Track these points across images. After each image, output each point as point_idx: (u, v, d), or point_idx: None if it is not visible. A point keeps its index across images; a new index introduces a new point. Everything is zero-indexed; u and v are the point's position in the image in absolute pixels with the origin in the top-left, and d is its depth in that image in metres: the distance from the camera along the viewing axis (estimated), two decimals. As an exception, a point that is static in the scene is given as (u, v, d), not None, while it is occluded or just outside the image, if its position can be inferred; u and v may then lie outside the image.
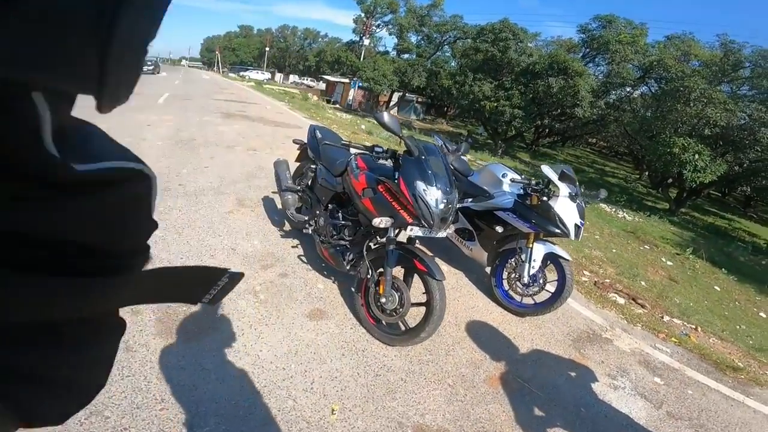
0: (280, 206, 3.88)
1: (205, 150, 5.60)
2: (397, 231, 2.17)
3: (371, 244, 2.35)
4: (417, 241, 2.25)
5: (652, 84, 19.09)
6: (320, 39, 62.28)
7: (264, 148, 6.34)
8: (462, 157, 3.44)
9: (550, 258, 2.77)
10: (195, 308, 2.16)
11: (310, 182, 3.08)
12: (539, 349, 2.62)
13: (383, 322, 2.27)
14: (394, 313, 2.16)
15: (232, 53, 68.84)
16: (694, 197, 17.17)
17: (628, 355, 2.79)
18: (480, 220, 3.06)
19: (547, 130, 24.03)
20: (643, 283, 4.85)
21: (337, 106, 28.74)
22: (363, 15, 30.50)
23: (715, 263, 7.87)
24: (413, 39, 28.83)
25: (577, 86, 17.11)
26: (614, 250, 5.96)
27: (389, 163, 2.15)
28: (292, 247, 3.15)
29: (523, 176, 2.98)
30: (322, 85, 39.40)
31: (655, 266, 6.39)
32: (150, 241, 0.50)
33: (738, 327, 4.36)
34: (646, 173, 24.32)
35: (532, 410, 2.08)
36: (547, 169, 2.73)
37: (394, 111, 29.49)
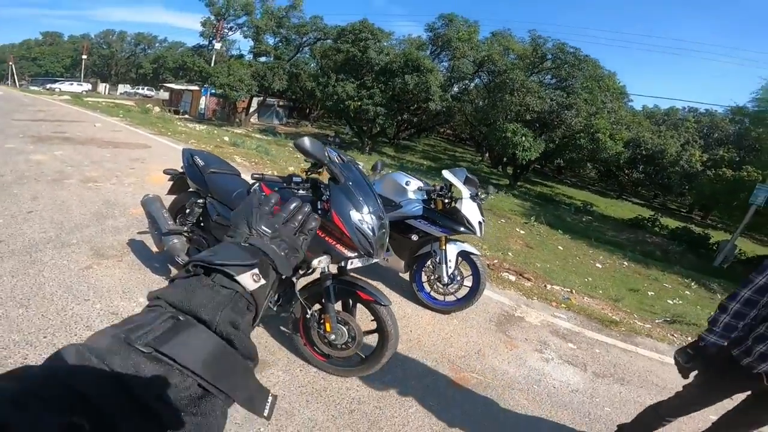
0: (156, 249, 3.18)
1: (21, 189, 4.22)
2: (329, 266, 1.96)
3: (297, 281, 2.10)
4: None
5: (484, 76, 22.24)
6: (157, 44, 54.92)
7: (107, 177, 5.12)
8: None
9: (462, 256, 2.97)
10: None
11: (197, 219, 2.61)
12: (475, 340, 2.78)
13: (333, 356, 2.09)
14: (347, 346, 2.00)
15: (31, 63, 54.28)
16: (524, 172, 21.09)
17: (540, 328, 3.17)
18: (391, 230, 3.05)
19: (405, 124, 25.86)
20: (510, 254, 5.63)
21: (188, 116, 25.56)
22: (213, 18, 27.46)
23: (552, 226, 9.73)
24: (270, 41, 27.25)
25: (428, 82, 18.66)
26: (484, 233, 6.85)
27: (305, 192, 1.91)
28: (191, 294, 2.61)
29: (423, 182, 3.10)
30: (164, 94, 34.51)
31: (513, 236, 7.55)
32: None
33: (587, 280, 5.45)
34: (487, 155, 28.75)
35: (498, 399, 2.21)
36: (448, 174, 2.91)
37: (254, 117, 27.71)
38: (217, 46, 27.70)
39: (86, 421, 0.25)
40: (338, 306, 2.07)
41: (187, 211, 2.66)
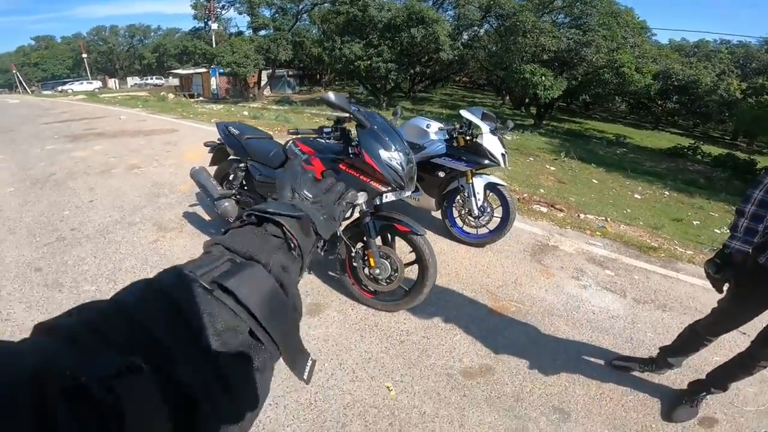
0: (208, 218, 3.48)
1: (75, 183, 4.61)
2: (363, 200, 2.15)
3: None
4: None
5: (493, 21, 21.16)
6: (152, 33, 54.41)
7: (148, 162, 5.44)
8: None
9: (489, 188, 3.09)
10: None
11: (241, 183, 2.84)
12: (511, 270, 2.92)
13: (379, 292, 2.31)
14: (391, 280, 2.21)
15: (35, 68, 54.71)
16: (549, 110, 20.43)
17: (575, 255, 3.25)
18: (419, 171, 3.19)
19: (419, 77, 25.18)
20: (542, 190, 5.65)
21: (202, 98, 25.79)
22: None
23: (584, 160, 9.50)
24: (267, 13, 26.54)
25: (436, 33, 18.12)
26: (510, 168, 6.80)
27: (332, 141, 2.10)
28: (248, 253, 2.89)
29: (443, 123, 3.20)
30: (174, 81, 34.67)
31: (543, 173, 7.48)
32: (89, 297, 0.98)
33: (626, 211, 5.40)
34: (507, 98, 27.77)
35: (539, 325, 2.35)
36: (465, 113, 2.97)
37: (267, 90, 27.61)
38: (214, 26, 27.26)
39: (146, 361, 0.24)
40: (378, 241, 2.26)
41: (231, 177, 2.90)
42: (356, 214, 2.17)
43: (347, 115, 1.99)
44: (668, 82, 21.02)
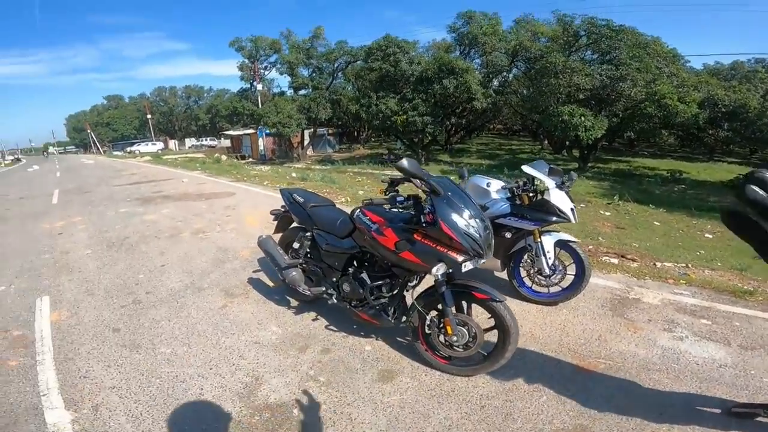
0: (272, 284, 3.57)
1: (147, 246, 4.96)
2: (443, 272, 2.09)
3: (413, 290, 2.36)
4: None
5: (521, 65, 21.60)
6: (206, 94, 58.81)
7: (211, 227, 5.79)
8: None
9: (560, 245, 2.96)
10: (270, 415, 1.93)
11: (307, 251, 2.89)
12: (591, 327, 2.71)
13: (454, 358, 2.22)
14: (468, 346, 2.13)
15: (107, 128, 60.30)
16: (593, 152, 19.90)
17: (662, 307, 2.99)
18: None
19: (454, 128, 25.73)
20: (601, 238, 5.34)
21: (251, 159, 27.58)
22: (247, 61, 29.79)
23: (640, 201, 9.03)
24: (305, 73, 28.82)
25: (467, 82, 18.61)
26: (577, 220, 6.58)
27: (399, 210, 2.11)
28: (313, 320, 2.90)
29: (504, 181, 3.16)
30: (226, 142, 37.71)
31: (599, 220, 7.14)
32: (165, 359, 2.12)
33: (699, 253, 4.98)
34: (545, 142, 27.51)
35: (635, 380, 2.15)
36: (529, 169, 2.93)
37: (309, 150, 29.16)
38: (259, 87, 29.54)
39: None
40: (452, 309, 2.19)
41: (296, 245, 2.96)
42: (427, 283, 2.14)
43: (400, 176, 1.99)
44: (715, 109, 19.74)
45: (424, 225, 1.96)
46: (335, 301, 2.55)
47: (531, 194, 2.89)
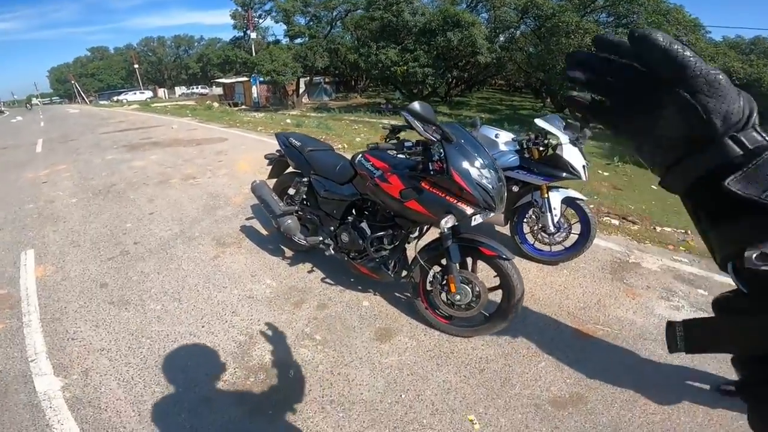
0: (265, 232, 3.42)
1: (135, 193, 4.75)
2: (451, 224, 1.95)
3: (415, 242, 2.18)
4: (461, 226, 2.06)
5: (531, 23, 20.48)
6: (196, 44, 57.04)
7: (202, 173, 5.56)
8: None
9: (567, 202, 2.82)
10: (265, 376, 1.91)
11: (304, 198, 2.71)
12: (591, 290, 2.64)
13: (455, 317, 2.14)
14: (471, 306, 2.02)
15: (92, 79, 58.53)
16: None
17: (661, 274, 2.92)
18: None
19: (455, 81, 24.82)
20: (597, 197, 5.23)
21: (244, 106, 26.72)
22: (240, 9, 28.02)
23: (639, 164, 8.79)
24: (302, 22, 27.24)
25: (473, 36, 17.74)
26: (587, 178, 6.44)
27: (406, 155, 1.89)
28: (309, 272, 2.78)
29: (513, 133, 2.96)
30: (217, 90, 36.26)
31: (597, 179, 6.97)
32: (155, 317, 2.27)
33: None
34: (548, 100, 26.78)
35: (633, 350, 2.10)
36: (542, 123, 2.74)
37: (305, 98, 28.21)
38: (253, 35, 28.10)
39: None
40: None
41: (291, 191, 2.78)
42: (432, 236, 1.99)
43: (402, 123, 1.84)
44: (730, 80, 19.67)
45: (432, 173, 1.79)
46: (332, 252, 2.42)
47: (541, 148, 2.73)
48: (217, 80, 35.90)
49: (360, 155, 2.16)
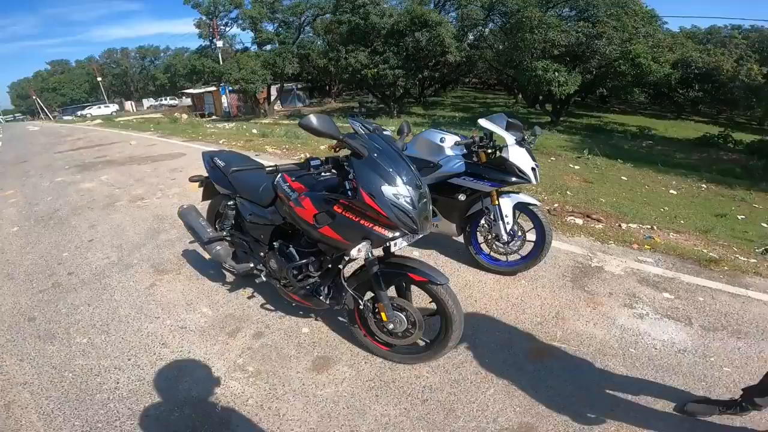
0: (208, 256, 3.22)
1: (77, 219, 4.46)
2: (365, 252, 1.75)
3: (344, 270, 2.01)
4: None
5: (497, 19, 20.81)
6: (162, 54, 55.52)
7: (152, 192, 5.29)
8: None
9: (519, 208, 2.70)
10: (191, 411, 1.80)
11: (233, 221, 2.51)
12: (550, 302, 2.54)
13: (396, 345, 1.99)
14: (408, 333, 1.88)
15: (54, 94, 55.84)
16: (565, 106, 19.98)
17: (624, 277, 2.83)
18: (435, 193, 2.81)
19: (428, 81, 24.91)
20: (569, 192, 5.23)
21: (214, 117, 26.18)
22: (205, 18, 27.39)
23: (610, 156, 9.00)
24: (270, 28, 26.87)
25: (441, 35, 17.85)
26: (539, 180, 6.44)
27: (329, 174, 1.73)
28: (248, 298, 2.61)
29: (460, 136, 2.79)
30: (187, 101, 35.44)
31: (568, 173, 7.03)
32: (80, 351, 2.24)
33: (663, 210, 4.94)
34: (520, 96, 27.24)
35: (590, 369, 2.00)
36: (485, 123, 2.57)
37: (277, 105, 27.81)
38: (219, 44, 27.44)
39: None
40: (393, 291, 1.94)
41: (220, 214, 2.60)
42: (360, 261, 1.81)
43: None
44: (688, 71, 20.55)
45: (349, 193, 1.59)
46: (264, 279, 2.23)
47: (489, 151, 2.57)
48: (185, 91, 35.02)
49: (280, 176, 1.94)
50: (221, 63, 25.16)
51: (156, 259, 3.26)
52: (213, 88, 28.10)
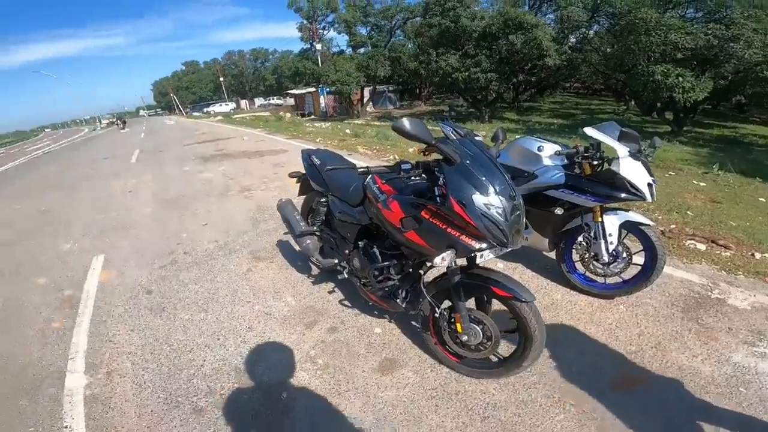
0: (299, 248, 3.53)
1: (197, 205, 5.23)
2: (449, 261, 1.73)
3: (425, 275, 2.02)
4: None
5: (603, 21, 18.89)
6: (271, 56, 61.35)
7: (258, 185, 5.96)
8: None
9: (627, 227, 2.42)
10: (260, 395, 1.96)
11: (324, 218, 2.67)
12: (651, 331, 2.26)
13: (467, 357, 1.95)
14: (481, 347, 1.84)
15: (186, 92, 66.02)
16: (691, 115, 17.30)
17: (751, 312, 2.41)
18: (528, 204, 2.65)
19: (523, 85, 23.72)
20: (690, 213, 4.53)
21: (313, 117, 28.32)
22: (305, 21, 29.87)
23: (746, 173, 7.55)
24: (363, 31, 28.40)
25: (538, 38, 16.91)
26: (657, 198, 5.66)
27: (419, 178, 1.71)
28: (329, 293, 2.80)
29: (561, 145, 2.56)
30: (290, 101, 38.86)
31: (690, 191, 6.08)
32: (181, 326, 2.60)
33: None
34: (632, 102, 24.30)
35: (685, 404, 1.76)
36: (593, 132, 2.33)
37: (369, 107, 29.01)
38: (318, 46, 29.49)
39: None
40: (471, 302, 1.90)
41: (313, 210, 2.78)
42: (442, 269, 1.78)
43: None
44: None
45: (438, 199, 1.56)
46: (346, 275, 2.36)
47: (596, 162, 2.34)
48: (289, 91, 38.45)
49: (370, 177, 2.02)
50: (320, 65, 27.07)
51: (254, 246, 3.67)
52: (312, 89, 30.38)
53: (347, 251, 2.36)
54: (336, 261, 2.50)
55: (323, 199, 2.60)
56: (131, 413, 1.94)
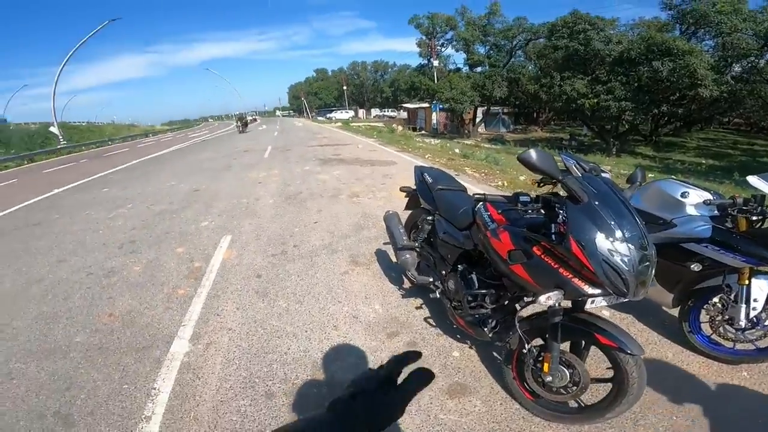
0: (395, 260, 3.72)
1: (311, 203, 5.86)
2: (554, 302, 1.66)
3: (521, 310, 1.98)
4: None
5: (782, 50, 15.61)
6: (390, 69, 64.77)
7: (365, 192, 6.39)
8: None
9: None
10: (327, 392, 2.08)
11: (427, 236, 2.75)
12: None
13: (543, 398, 1.88)
14: (565, 391, 1.75)
15: (315, 97, 73.50)
16: None
17: None
18: (658, 254, 2.33)
19: (665, 117, 20.84)
20: None
21: (423, 132, 29.02)
22: (425, 37, 30.80)
23: None
24: (481, 50, 28.07)
25: (690, 65, 14.86)
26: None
27: (535, 213, 1.66)
28: (416, 308, 2.92)
29: (712, 193, 2.25)
30: (403, 114, 40.39)
31: None
32: (278, 313, 2.70)
33: None
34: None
35: None
36: (758, 181, 2.00)
37: (481, 127, 28.58)
38: (435, 63, 30.10)
39: None
40: (565, 344, 1.80)
41: (417, 226, 2.88)
42: (543, 306, 1.70)
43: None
44: None
45: (553, 237, 1.50)
46: (437, 295, 2.42)
47: (755, 218, 2.04)
48: (403, 105, 40.04)
49: (481, 204, 2.00)
50: (435, 81, 27.62)
51: (355, 251, 3.98)
52: (426, 105, 31.14)
53: (444, 272, 2.40)
54: (431, 279, 2.57)
55: (429, 217, 2.67)
56: (213, 385, 2.15)
